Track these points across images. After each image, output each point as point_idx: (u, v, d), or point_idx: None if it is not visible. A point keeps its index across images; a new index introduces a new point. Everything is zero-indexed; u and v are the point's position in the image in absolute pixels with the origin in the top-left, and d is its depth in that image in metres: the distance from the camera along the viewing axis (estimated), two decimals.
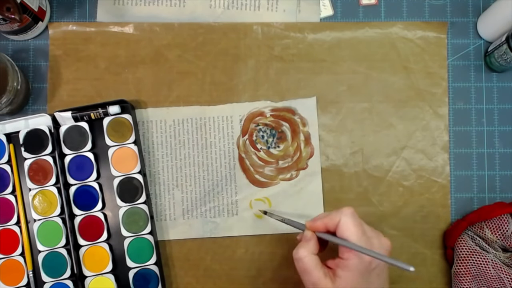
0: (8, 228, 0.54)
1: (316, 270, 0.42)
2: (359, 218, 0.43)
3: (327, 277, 0.41)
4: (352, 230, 0.41)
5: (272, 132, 0.57)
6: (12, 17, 0.50)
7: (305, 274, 0.42)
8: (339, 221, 0.42)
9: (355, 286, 0.41)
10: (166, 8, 0.59)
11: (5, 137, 0.55)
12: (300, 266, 0.43)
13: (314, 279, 0.41)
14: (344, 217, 0.42)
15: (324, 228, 0.44)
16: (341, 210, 0.43)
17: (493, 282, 0.52)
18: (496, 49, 0.55)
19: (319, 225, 0.44)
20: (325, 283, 0.41)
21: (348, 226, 0.42)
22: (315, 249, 0.43)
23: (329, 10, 0.59)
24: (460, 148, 0.58)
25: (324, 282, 0.41)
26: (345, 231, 0.41)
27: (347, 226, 0.42)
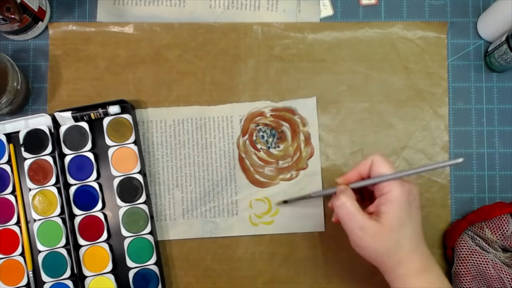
0: (8, 228, 0.54)
1: (360, 213, 0.42)
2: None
3: (371, 218, 0.42)
4: (387, 165, 0.43)
5: (272, 132, 0.57)
6: (12, 17, 0.50)
7: (350, 219, 0.43)
8: (372, 162, 0.44)
9: (400, 218, 0.42)
10: (166, 8, 0.59)
11: (5, 137, 0.55)
12: (343, 212, 0.43)
13: (360, 222, 0.42)
14: (375, 157, 0.44)
15: (358, 175, 0.45)
16: (369, 156, 0.44)
17: (493, 282, 0.52)
18: (496, 49, 0.55)
19: (352, 175, 0.45)
20: (372, 224, 0.42)
21: (382, 162, 0.43)
22: (353, 196, 0.44)
23: (329, 10, 0.59)
24: (460, 148, 0.58)
25: (371, 223, 0.42)
26: (380, 167, 0.43)
27: (381, 163, 0.43)
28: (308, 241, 0.57)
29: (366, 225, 0.42)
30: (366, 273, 0.57)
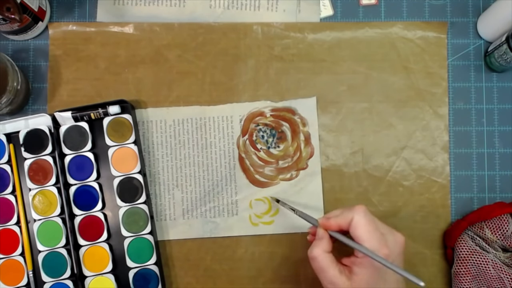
0: (8, 228, 0.54)
1: (331, 268, 0.42)
2: (372, 215, 0.43)
3: (342, 274, 0.42)
4: (365, 228, 0.42)
5: (272, 132, 0.57)
6: (12, 17, 0.50)
7: (321, 273, 0.43)
8: (352, 219, 0.42)
9: (371, 282, 0.41)
10: (166, 8, 0.59)
11: (5, 137, 0.55)
12: (316, 265, 0.43)
13: (330, 277, 0.42)
14: (356, 216, 0.42)
15: (337, 227, 0.44)
16: (354, 208, 0.43)
17: (493, 282, 0.52)
18: (496, 49, 0.55)
19: (332, 224, 0.44)
20: (341, 281, 0.42)
21: (361, 224, 0.42)
22: (329, 247, 0.44)
23: (329, 10, 0.59)
24: (460, 148, 0.58)
25: (341, 280, 0.42)
26: (358, 229, 0.42)
27: (360, 224, 0.42)
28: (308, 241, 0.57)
29: (336, 281, 0.42)
30: None
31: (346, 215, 0.43)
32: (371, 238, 0.41)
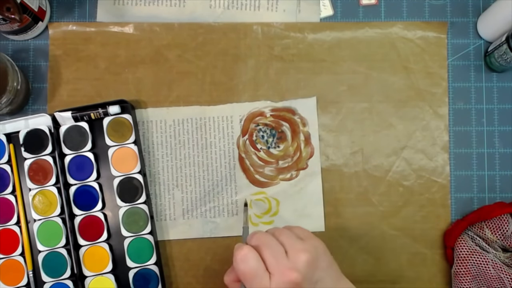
0: (8, 228, 0.54)
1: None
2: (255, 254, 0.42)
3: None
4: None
5: (272, 132, 0.57)
6: (12, 17, 0.50)
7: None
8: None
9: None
10: (166, 8, 0.59)
11: (5, 137, 0.55)
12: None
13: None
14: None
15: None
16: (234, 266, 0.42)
17: (493, 282, 0.52)
18: (496, 49, 0.55)
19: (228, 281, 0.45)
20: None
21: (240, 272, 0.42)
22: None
23: (329, 10, 0.59)
24: (460, 148, 0.58)
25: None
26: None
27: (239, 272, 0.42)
28: None
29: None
30: (365, 274, 0.57)
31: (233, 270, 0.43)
32: (250, 283, 0.41)
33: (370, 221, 0.57)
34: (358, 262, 0.57)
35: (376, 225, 0.57)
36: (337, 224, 0.57)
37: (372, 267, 0.57)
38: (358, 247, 0.57)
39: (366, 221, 0.57)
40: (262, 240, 0.42)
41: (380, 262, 0.57)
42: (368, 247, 0.57)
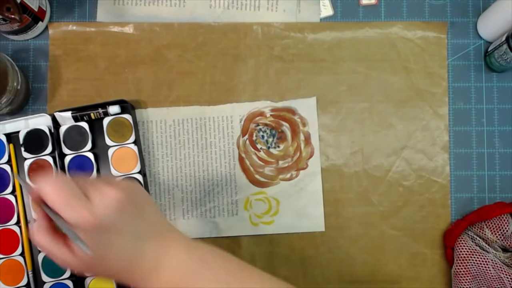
0: (8, 228, 0.54)
1: (56, 248, 0.37)
2: (69, 180, 0.36)
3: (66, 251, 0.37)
4: (54, 198, 0.36)
5: (272, 132, 0.57)
6: (12, 17, 0.50)
7: (50, 256, 0.37)
8: (41, 192, 0.36)
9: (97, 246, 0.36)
10: (166, 8, 0.59)
11: (5, 137, 0.55)
12: (43, 249, 0.38)
13: (60, 258, 0.37)
14: (43, 187, 0.36)
15: (38, 197, 0.37)
16: (41, 179, 0.36)
17: (493, 282, 0.52)
18: (496, 49, 0.55)
19: (33, 195, 0.37)
20: (69, 258, 0.37)
21: (50, 194, 0.35)
22: (45, 224, 0.37)
23: (329, 10, 0.59)
24: (460, 148, 0.58)
25: (69, 257, 0.37)
26: (48, 200, 0.36)
27: (49, 195, 0.36)
28: (308, 241, 0.57)
29: (66, 260, 0.37)
30: (366, 274, 0.57)
31: (36, 187, 0.36)
32: (65, 207, 0.35)
33: (370, 221, 0.57)
34: (358, 262, 0.57)
35: (376, 225, 0.57)
36: (337, 224, 0.57)
37: (372, 267, 0.57)
38: (358, 247, 0.57)
39: (366, 221, 0.57)
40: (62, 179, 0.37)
41: (380, 262, 0.57)
42: (368, 247, 0.57)
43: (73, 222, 0.36)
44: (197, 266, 0.39)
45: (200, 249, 0.40)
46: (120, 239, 0.37)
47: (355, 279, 0.57)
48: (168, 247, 0.39)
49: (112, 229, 0.37)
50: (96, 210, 0.36)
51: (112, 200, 0.37)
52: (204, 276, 0.39)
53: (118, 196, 0.37)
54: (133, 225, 0.38)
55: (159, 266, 0.38)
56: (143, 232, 0.39)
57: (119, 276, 0.39)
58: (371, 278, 0.56)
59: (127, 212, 0.38)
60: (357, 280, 0.57)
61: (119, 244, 0.37)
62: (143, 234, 0.39)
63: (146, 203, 0.40)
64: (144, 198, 0.41)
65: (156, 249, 0.39)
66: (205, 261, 0.39)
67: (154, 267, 0.38)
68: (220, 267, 0.40)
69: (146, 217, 0.39)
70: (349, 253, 0.57)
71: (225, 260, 0.41)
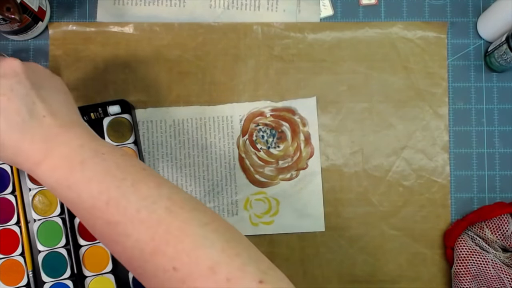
0: (8, 228, 0.54)
1: None
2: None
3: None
4: None
5: (272, 132, 0.57)
6: (12, 17, 0.50)
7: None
8: None
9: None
10: (166, 8, 0.59)
11: None
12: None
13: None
14: None
15: None
16: None
17: (493, 282, 0.52)
18: (496, 49, 0.55)
19: None
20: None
21: None
22: None
23: (329, 10, 0.59)
24: (460, 148, 0.58)
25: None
26: None
27: None
28: (308, 241, 0.57)
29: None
30: (366, 274, 0.57)
31: None
32: None
33: (370, 221, 0.57)
34: (358, 262, 0.57)
35: (376, 225, 0.57)
36: (337, 224, 0.57)
37: (372, 267, 0.57)
38: (358, 247, 0.57)
39: (366, 221, 0.57)
40: None
41: (380, 262, 0.57)
42: (368, 247, 0.57)
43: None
44: (89, 158, 0.36)
45: (98, 143, 0.38)
46: (8, 107, 0.36)
47: (355, 279, 0.57)
48: (64, 134, 0.37)
49: (2, 94, 0.36)
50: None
51: (7, 66, 0.36)
52: (95, 168, 0.36)
53: (13, 62, 0.36)
54: (25, 97, 0.36)
55: (49, 152, 0.36)
56: (38, 111, 0.37)
57: (7, 154, 0.37)
58: (371, 278, 0.56)
59: (19, 81, 0.36)
60: (357, 280, 0.57)
61: (6, 112, 0.36)
62: (37, 112, 0.37)
63: (52, 87, 0.39)
64: (49, 82, 0.39)
65: (50, 133, 0.37)
66: (99, 154, 0.36)
67: (43, 151, 0.36)
68: (114, 162, 0.36)
69: (45, 98, 0.38)
70: (349, 253, 0.57)
71: (124, 157, 0.37)
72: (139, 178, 0.36)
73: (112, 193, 0.35)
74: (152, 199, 0.35)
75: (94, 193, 0.35)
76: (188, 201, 0.36)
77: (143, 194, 0.35)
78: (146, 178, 0.36)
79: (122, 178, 0.36)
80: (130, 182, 0.36)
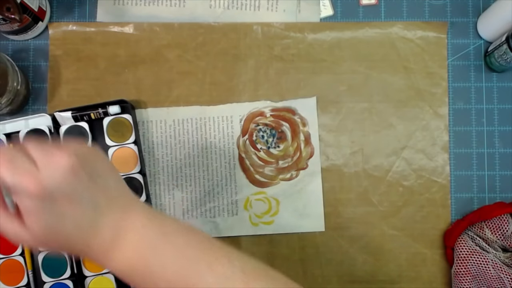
0: None
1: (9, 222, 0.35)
2: (15, 147, 0.35)
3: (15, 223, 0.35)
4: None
5: (272, 132, 0.57)
6: (12, 17, 0.50)
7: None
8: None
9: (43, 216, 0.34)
10: (166, 8, 0.59)
11: (5, 137, 0.54)
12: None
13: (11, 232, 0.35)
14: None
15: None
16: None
17: (493, 282, 0.52)
18: (496, 49, 0.55)
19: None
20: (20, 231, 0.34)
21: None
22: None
23: (329, 10, 0.59)
24: (460, 148, 0.58)
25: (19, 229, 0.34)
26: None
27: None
28: (308, 241, 0.57)
29: (15, 232, 0.34)
30: (366, 274, 0.57)
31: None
32: (6, 172, 0.33)
33: (370, 221, 0.57)
34: (358, 262, 0.57)
35: (376, 225, 0.57)
36: (337, 224, 0.57)
37: (372, 267, 0.57)
38: (358, 247, 0.57)
39: (366, 221, 0.57)
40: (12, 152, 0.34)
41: (380, 262, 0.57)
42: (368, 247, 0.57)
43: (18, 188, 0.33)
44: (159, 241, 0.36)
45: (163, 222, 0.38)
46: (74, 209, 0.35)
47: (355, 279, 0.57)
48: (129, 219, 0.37)
49: (63, 198, 0.34)
50: (43, 176, 0.33)
51: (62, 167, 0.34)
52: (167, 252, 0.36)
53: (68, 162, 0.34)
54: (87, 194, 0.35)
55: (118, 241, 0.36)
56: (101, 203, 0.36)
57: (75, 251, 0.37)
58: (371, 278, 0.56)
59: (80, 180, 0.35)
60: (357, 280, 0.57)
61: (72, 214, 0.35)
62: (100, 204, 0.36)
63: (104, 170, 0.37)
64: (102, 165, 0.38)
65: (115, 222, 0.36)
66: (168, 235, 0.37)
67: (113, 241, 0.36)
68: (184, 242, 0.37)
69: (104, 185, 0.37)
70: (349, 253, 0.57)
71: (189, 233, 0.38)
72: (210, 254, 0.37)
73: (189, 278, 0.36)
74: (226, 275, 0.36)
75: (170, 278, 0.36)
76: (259, 270, 0.38)
77: (218, 273, 0.36)
78: (217, 253, 0.37)
79: (196, 259, 0.36)
80: (205, 263, 0.36)
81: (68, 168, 0.34)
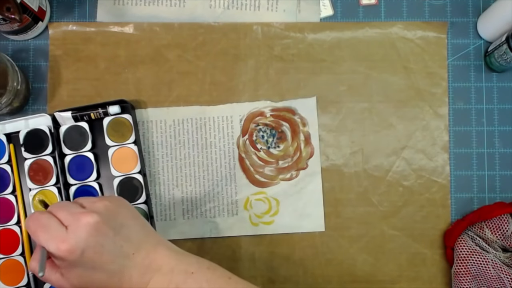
0: (8, 228, 0.54)
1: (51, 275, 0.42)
2: (46, 212, 0.41)
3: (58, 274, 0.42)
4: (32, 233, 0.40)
5: (272, 132, 0.57)
6: (12, 17, 0.50)
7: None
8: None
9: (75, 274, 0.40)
10: (166, 8, 0.59)
11: (5, 137, 0.55)
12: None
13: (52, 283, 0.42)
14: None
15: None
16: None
17: (493, 282, 0.52)
18: (496, 49, 0.55)
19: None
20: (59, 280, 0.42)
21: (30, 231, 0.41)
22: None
23: (329, 10, 0.59)
24: (460, 148, 0.58)
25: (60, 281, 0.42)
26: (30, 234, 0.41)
27: (28, 230, 0.41)
28: (308, 241, 0.57)
29: (59, 284, 0.41)
30: (366, 274, 0.57)
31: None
32: (40, 237, 0.40)
33: (370, 221, 0.57)
34: (358, 262, 0.57)
35: (376, 225, 0.57)
36: (337, 224, 0.57)
37: (372, 267, 0.57)
38: (358, 247, 0.57)
39: (366, 221, 0.57)
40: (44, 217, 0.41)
41: (380, 262, 0.57)
42: (368, 247, 0.57)
43: (51, 251, 0.39)
44: (183, 279, 0.41)
45: (186, 261, 0.43)
46: (103, 261, 0.40)
47: (355, 279, 0.57)
48: (153, 261, 0.42)
49: (91, 252, 0.40)
50: (70, 236, 0.39)
51: (85, 225, 0.40)
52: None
53: (91, 220, 0.40)
54: (113, 245, 0.41)
55: (144, 283, 0.41)
56: (127, 250, 0.41)
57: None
58: (371, 278, 0.56)
59: (104, 235, 0.40)
60: (357, 280, 0.57)
61: (103, 266, 0.40)
62: (126, 251, 0.41)
63: (127, 220, 0.43)
64: (125, 216, 0.43)
65: (142, 266, 0.42)
66: (190, 273, 0.42)
67: (139, 283, 0.41)
68: (206, 280, 0.42)
69: (128, 234, 0.42)
70: (349, 253, 0.57)
71: (210, 271, 0.43)
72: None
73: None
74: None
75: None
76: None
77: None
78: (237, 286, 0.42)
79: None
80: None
81: (93, 226, 0.40)
